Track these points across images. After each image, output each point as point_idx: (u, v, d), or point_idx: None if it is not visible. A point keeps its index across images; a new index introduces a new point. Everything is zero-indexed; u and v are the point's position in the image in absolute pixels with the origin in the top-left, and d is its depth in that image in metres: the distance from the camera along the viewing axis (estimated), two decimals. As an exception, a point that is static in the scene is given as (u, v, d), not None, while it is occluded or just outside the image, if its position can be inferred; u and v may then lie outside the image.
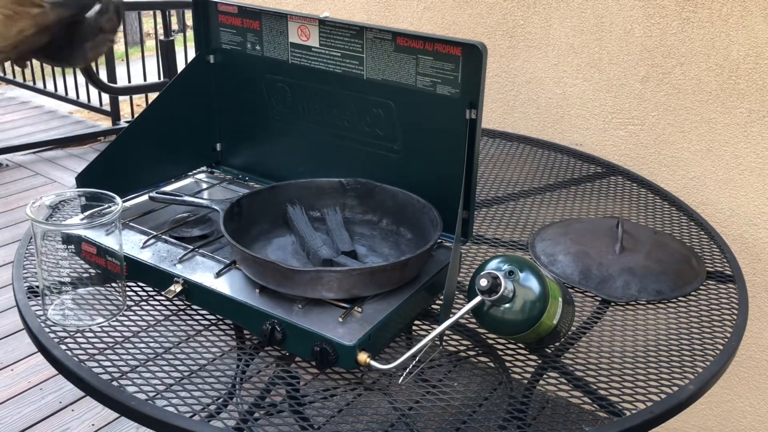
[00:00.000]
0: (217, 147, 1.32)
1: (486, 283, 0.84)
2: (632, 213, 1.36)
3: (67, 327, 0.94)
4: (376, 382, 0.94)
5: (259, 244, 1.05)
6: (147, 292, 1.03)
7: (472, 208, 1.04)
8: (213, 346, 0.94)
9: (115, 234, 0.96)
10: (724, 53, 1.49)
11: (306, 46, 1.13)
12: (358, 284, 0.90)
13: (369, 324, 0.87)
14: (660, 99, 1.60)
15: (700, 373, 0.91)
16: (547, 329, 0.89)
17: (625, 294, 1.08)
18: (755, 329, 1.61)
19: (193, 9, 1.22)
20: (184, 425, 0.78)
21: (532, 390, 0.89)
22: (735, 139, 1.53)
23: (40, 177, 3.64)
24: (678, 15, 1.53)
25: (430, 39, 1.01)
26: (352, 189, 1.12)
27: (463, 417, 0.88)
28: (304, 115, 1.19)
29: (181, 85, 1.21)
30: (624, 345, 0.98)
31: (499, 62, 1.82)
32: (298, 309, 0.90)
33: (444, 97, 1.02)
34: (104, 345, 0.92)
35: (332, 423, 0.88)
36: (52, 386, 2.11)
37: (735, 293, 1.10)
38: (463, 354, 0.98)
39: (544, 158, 1.62)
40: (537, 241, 1.22)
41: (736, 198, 1.56)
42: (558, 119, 1.77)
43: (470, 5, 1.82)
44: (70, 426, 1.98)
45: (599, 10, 1.63)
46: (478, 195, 1.41)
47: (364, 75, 1.09)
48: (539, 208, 1.37)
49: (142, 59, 4.22)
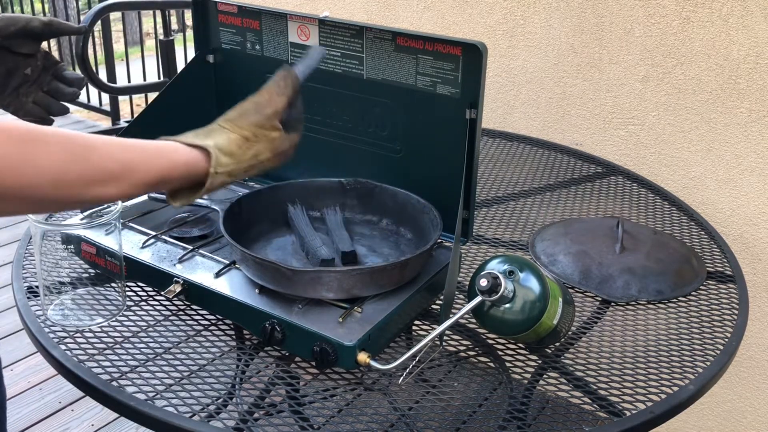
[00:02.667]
0: (217, 147, 1.31)
1: (486, 283, 0.84)
2: (632, 213, 1.36)
3: (66, 327, 0.94)
4: (376, 382, 0.94)
5: (258, 244, 1.05)
6: (147, 292, 1.03)
7: (472, 208, 1.04)
8: (213, 346, 0.94)
9: (115, 234, 0.96)
10: (725, 53, 1.49)
11: (306, 45, 1.13)
12: (357, 284, 0.90)
13: (369, 324, 0.87)
14: (660, 99, 1.60)
15: (701, 374, 0.91)
16: (547, 329, 0.89)
17: (626, 294, 1.08)
18: (755, 329, 1.61)
19: (192, 9, 1.22)
20: (183, 425, 0.78)
21: (532, 390, 0.89)
22: (735, 139, 1.53)
23: (39, 177, 3.63)
24: (678, 15, 1.53)
25: (430, 39, 1.01)
26: (352, 189, 1.12)
27: (463, 417, 0.88)
28: (304, 114, 1.18)
29: (180, 85, 1.21)
30: (624, 345, 0.97)
31: (499, 62, 1.82)
32: (298, 309, 0.90)
33: (444, 97, 1.02)
34: (104, 345, 0.92)
35: (332, 423, 0.88)
36: (51, 386, 2.11)
37: (735, 293, 1.10)
38: (463, 354, 0.98)
39: (544, 158, 1.62)
40: (537, 241, 1.22)
41: (736, 198, 1.56)
42: (558, 119, 1.77)
43: (470, 5, 1.82)
44: (69, 426, 1.98)
45: (599, 10, 1.63)
46: (478, 195, 1.41)
47: (364, 75, 1.09)
48: (539, 208, 1.37)
49: (141, 59, 4.22)
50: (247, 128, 0.83)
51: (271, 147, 0.85)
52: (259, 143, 0.83)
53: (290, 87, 0.88)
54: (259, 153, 0.83)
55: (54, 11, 5.06)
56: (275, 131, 0.85)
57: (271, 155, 0.85)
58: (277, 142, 0.85)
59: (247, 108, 0.85)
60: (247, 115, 0.84)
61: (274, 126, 0.85)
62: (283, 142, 0.86)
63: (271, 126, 0.84)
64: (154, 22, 4.34)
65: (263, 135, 0.84)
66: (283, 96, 0.87)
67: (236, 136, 0.82)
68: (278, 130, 0.85)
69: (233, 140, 0.81)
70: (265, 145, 0.84)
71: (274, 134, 0.85)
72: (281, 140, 0.86)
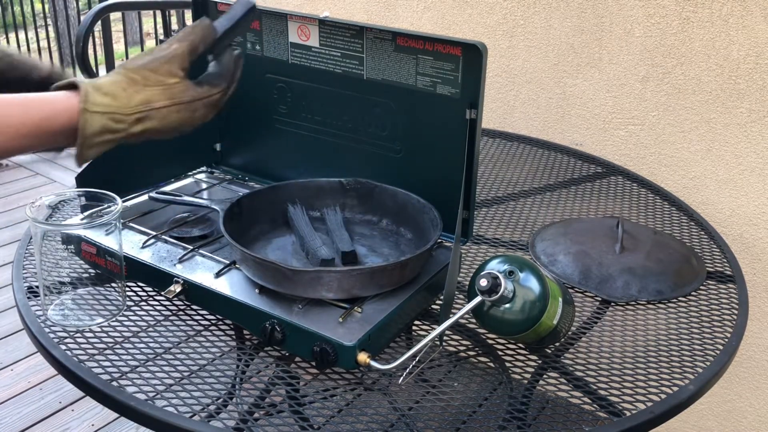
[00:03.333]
0: (217, 147, 1.31)
1: (486, 283, 0.84)
2: (632, 213, 1.36)
3: (66, 327, 0.94)
4: (376, 382, 0.94)
5: (258, 244, 1.05)
6: (147, 292, 1.03)
7: (472, 208, 1.04)
8: (213, 347, 0.94)
9: (115, 234, 0.96)
10: (725, 53, 1.49)
11: (306, 46, 1.13)
12: (357, 284, 0.90)
13: (369, 324, 0.87)
14: (660, 99, 1.60)
15: (700, 374, 0.91)
16: (547, 329, 0.89)
17: (625, 294, 1.08)
18: (755, 329, 1.61)
19: (192, 9, 1.22)
20: (183, 425, 0.78)
21: (532, 390, 0.89)
22: (735, 139, 1.53)
23: (40, 177, 3.64)
24: (678, 15, 1.53)
25: (431, 39, 1.01)
26: (352, 189, 1.12)
27: (463, 417, 0.88)
28: (304, 115, 1.18)
29: (180, 85, 1.21)
30: (624, 345, 0.97)
31: (499, 62, 1.82)
32: (298, 309, 0.90)
33: (444, 97, 1.02)
34: (104, 345, 0.92)
35: (332, 423, 0.88)
36: (51, 386, 2.11)
37: (735, 293, 1.10)
38: (463, 354, 0.98)
39: (544, 158, 1.62)
40: (537, 241, 1.22)
41: (736, 198, 1.56)
42: (558, 119, 1.77)
43: (470, 5, 1.82)
44: (69, 426, 1.98)
45: (599, 10, 1.63)
46: (478, 195, 1.41)
47: (364, 75, 1.09)
48: (539, 208, 1.37)
49: (142, 59, 4.21)
50: (135, 71, 0.75)
51: (168, 94, 0.75)
52: (150, 88, 0.75)
53: (196, 34, 0.81)
54: (150, 99, 0.74)
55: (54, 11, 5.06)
56: (172, 77, 0.76)
57: (170, 103, 0.76)
58: (175, 89, 0.76)
59: (143, 54, 0.79)
60: (139, 59, 0.77)
61: (171, 71, 0.76)
62: (184, 91, 0.77)
63: (167, 71, 0.76)
64: (154, 22, 4.33)
65: (155, 79, 0.75)
66: (184, 42, 0.80)
67: (121, 77, 0.75)
68: (176, 76, 0.77)
69: (116, 81, 0.74)
70: (159, 91, 0.75)
71: (171, 80, 0.76)
72: (181, 89, 0.77)
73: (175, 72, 0.77)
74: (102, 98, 0.73)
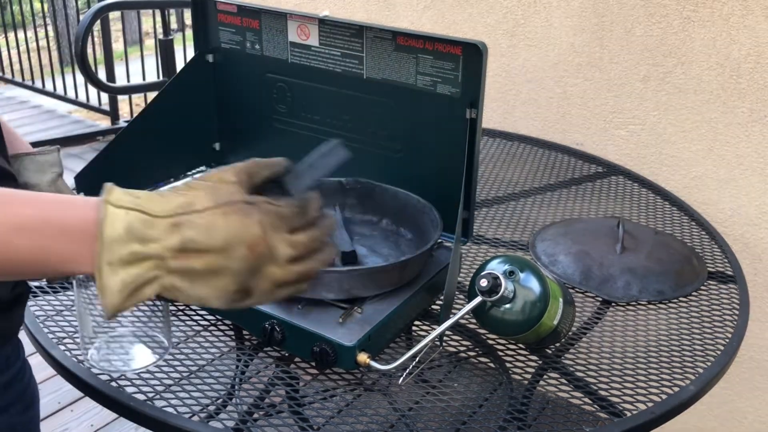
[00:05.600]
0: (216, 146, 1.31)
1: (486, 284, 0.84)
2: (633, 213, 1.36)
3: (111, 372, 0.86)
4: (375, 382, 0.93)
5: (258, 244, 1.05)
6: (146, 292, 1.02)
7: (473, 208, 1.04)
8: (212, 347, 0.94)
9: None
10: (725, 53, 1.49)
11: (306, 45, 1.12)
12: (357, 285, 0.90)
13: (369, 324, 0.87)
14: (661, 98, 1.60)
15: (701, 374, 0.91)
16: (548, 330, 0.89)
17: (626, 294, 1.08)
18: (756, 330, 1.60)
19: (192, 8, 1.21)
20: (183, 425, 0.78)
21: (532, 390, 0.89)
22: (736, 139, 1.52)
23: (39, 176, 3.63)
24: (679, 14, 1.53)
25: (431, 38, 1.00)
26: (352, 189, 1.12)
27: (463, 418, 0.87)
28: (303, 114, 1.18)
29: (180, 85, 1.21)
30: (625, 345, 0.97)
31: (499, 61, 1.81)
32: (298, 309, 0.90)
33: (444, 97, 1.02)
34: (103, 345, 0.92)
35: (332, 424, 0.87)
36: (51, 386, 2.11)
37: (736, 293, 1.10)
38: (464, 354, 0.98)
39: (545, 158, 1.62)
40: (537, 241, 1.22)
41: (737, 198, 1.56)
42: (559, 119, 1.77)
43: (470, 4, 1.82)
44: (69, 426, 1.98)
45: (600, 9, 1.63)
46: (479, 195, 1.41)
47: (364, 74, 1.09)
48: (539, 208, 1.37)
49: (141, 58, 4.22)
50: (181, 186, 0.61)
51: (214, 196, 0.58)
52: (193, 191, 0.59)
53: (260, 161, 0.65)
54: (191, 201, 0.57)
55: (53, 11, 5.05)
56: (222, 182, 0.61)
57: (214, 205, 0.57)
58: (223, 190, 0.59)
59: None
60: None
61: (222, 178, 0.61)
62: (233, 193, 0.59)
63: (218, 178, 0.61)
64: (154, 22, 4.33)
65: (202, 185, 0.60)
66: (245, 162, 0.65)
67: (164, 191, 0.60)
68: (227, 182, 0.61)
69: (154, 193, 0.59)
70: (203, 193, 0.58)
71: (220, 184, 0.60)
72: (231, 190, 0.60)
73: (227, 178, 0.61)
74: (129, 196, 0.58)
